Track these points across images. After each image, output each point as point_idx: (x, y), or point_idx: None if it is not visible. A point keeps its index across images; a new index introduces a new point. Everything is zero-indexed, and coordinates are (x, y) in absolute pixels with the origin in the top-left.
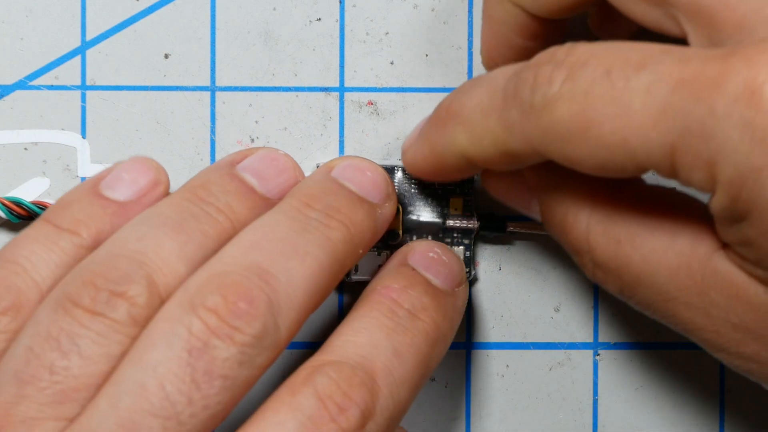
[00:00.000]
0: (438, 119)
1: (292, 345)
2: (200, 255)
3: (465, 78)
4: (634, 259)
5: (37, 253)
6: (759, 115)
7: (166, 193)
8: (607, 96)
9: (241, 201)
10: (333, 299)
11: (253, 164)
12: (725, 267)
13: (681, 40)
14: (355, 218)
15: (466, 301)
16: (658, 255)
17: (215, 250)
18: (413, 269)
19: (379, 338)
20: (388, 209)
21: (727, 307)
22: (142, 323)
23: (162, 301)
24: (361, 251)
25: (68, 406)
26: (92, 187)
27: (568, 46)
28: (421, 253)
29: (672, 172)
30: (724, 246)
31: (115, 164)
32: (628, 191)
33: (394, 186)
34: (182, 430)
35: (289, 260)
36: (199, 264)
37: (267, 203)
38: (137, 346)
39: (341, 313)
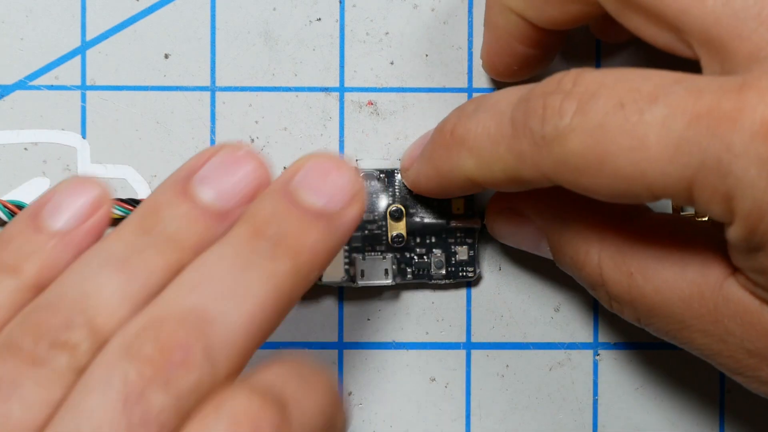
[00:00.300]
0: (442, 143)
1: (288, 345)
2: (144, 294)
3: (465, 78)
4: (647, 290)
5: None
6: None
7: (109, 214)
8: (621, 129)
9: (192, 225)
10: (333, 302)
11: (210, 173)
12: (737, 294)
13: (692, 61)
14: (306, 243)
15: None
16: (670, 285)
17: (162, 285)
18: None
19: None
20: (352, 213)
21: (742, 334)
22: (84, 370)
23: (106, 342)
24: (314, 275)
25: None
26: (32, 220)
27: (574, 74)
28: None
29: (689, 202)
30: (735, 272)
31: (54, 187)
32: (637, 223)
33: (363, 185)
34: None
35: (227, 302)
36: (144, 303)
37: (223, 220)
38: (76, 391)
39: (341, 317)
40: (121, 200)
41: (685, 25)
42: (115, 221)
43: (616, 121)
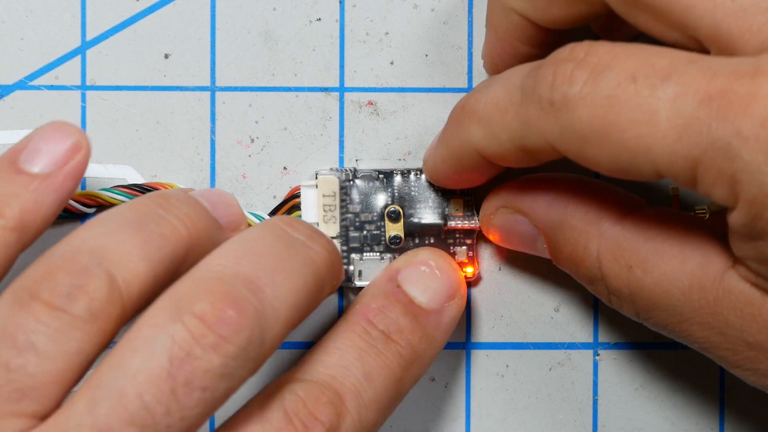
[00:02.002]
0: (453, 119)
1: (289, 345)
2: (159, 257)
3: (465, 78)
4: (647, 283)
5: None
6: None
7: (88, 157)
8: (632, 102)
9: (197, 214)
10: (333, 302)
11: (203, 193)
12: (738, 286)
13: None
14: (333, 247)
15: (459, 315)
16: (669, 278)
17: (174, 256)
18: (398, 286)
19: (351, 359)
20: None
21: (741, 326)
22: (102, 319)
23: (122, 299)
24: (335, 283)
25: (26, 403)
26: (11, 164)
27: (587, 45)
28: (412, 267)
29: (692, 184)
30: (735, 263)
31: (32, 133)
32: (635, 217)
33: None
34: None
35: (276, 274)
36: (160, 265)
37: (219, 226)
38: (119, 349)
39: (340, 315)
40: (126, 186)
41: (693, 22)
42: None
43: (627, 94)
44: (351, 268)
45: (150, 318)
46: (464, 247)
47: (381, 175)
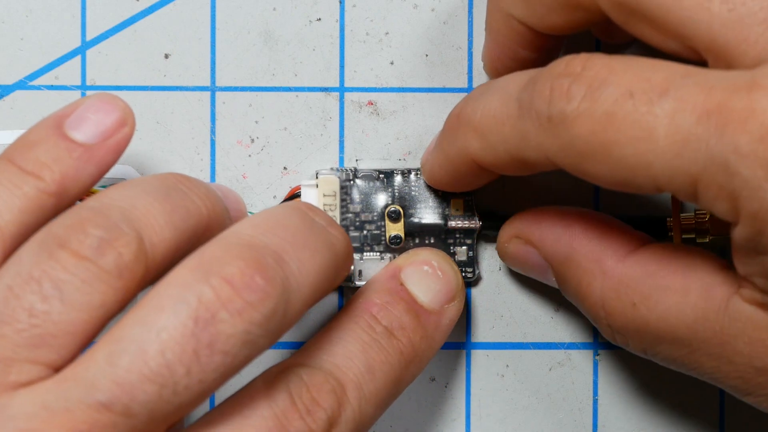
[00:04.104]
0: (450, 126)
1: (289, 345)
2: (184, 227)
3: (465, 78)
4: (651, 319)
5: (0, 196)
6: None
7: (132, 134)
8: (629, 119)
9: (216, 200)
10: (333, 301)
11: (214, 185)
12: (744, 311)
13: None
14: (348, 238)
15: (457, 317)
16: (673, 312)
17: (196, 229)
18: (401, 284)
19: (354, 351)
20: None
21: (750, 353)
22: (127, 277)
23: (147, 260)
24: (346, 273)
25: (44, 351)
26: (56, 127)
27: (583, 58)
28: (414, 266)
29: (693, 198)
30: (740, 286)
31: (80, 100)
32: (637, 254)
33: None
34: (175, 400)
35: (301, 251)
36: (183, 235)
37: (230, 216)
38: (143, 305)
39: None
40: None
41: (690, 33)
42: None
43: (625, 110)
44: (351, 267)
45: (178, 277)
46: (464, 247)
47: (381, 175)
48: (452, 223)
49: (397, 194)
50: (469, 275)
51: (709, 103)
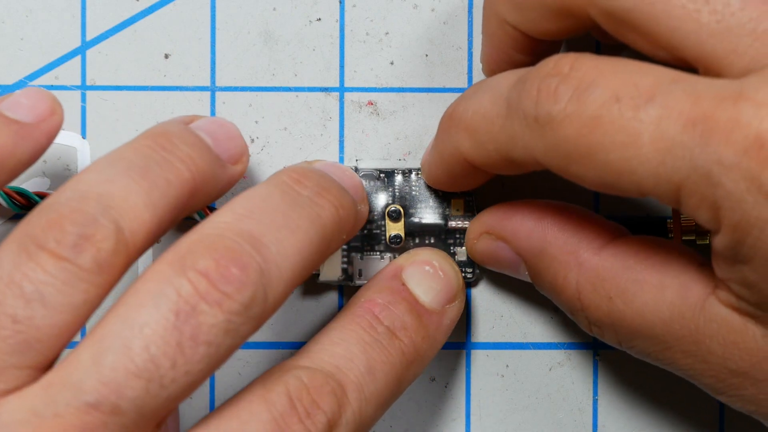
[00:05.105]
0: (443, 126)
1: (287, 345)
2: (164, 204)
3: (465, 78)
4: (627, 313)
5: None
6: (766, 171)
7: (61, 123)
8: (615, 123)
9: (201, 155)
10: (334, 302)
11: (205, 125)
12: (719, 313)
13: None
14: (343, 202)
15: (458, 317)
16: (650, 308)
17: (178, 201)
18: (403, 284)
19: (355, 352)
20: (364, 210)
21: (724, 354)
22: (107, 272)
23: (127, 249)
24: (344, 237)
25: (30, 355)
26: None
27: (572, 58)
28: (416, 266)
29: (676, 205)
30: (716, 288)
31: (12, 93)
32: (614, 247)
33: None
34: (163, 394)
35: (280, 231)
36: (164, 211)
37: (222, 163)
38: (123, 302)
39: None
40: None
41: (679, 43)
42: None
43: (611, 115)
44: (351, 267)
45: (155, 273)
46: (464, 248)
47: (382, 175)
48: (452, 223)
49: (397, 194)
50: (469, 275)
51: (695, 111)
